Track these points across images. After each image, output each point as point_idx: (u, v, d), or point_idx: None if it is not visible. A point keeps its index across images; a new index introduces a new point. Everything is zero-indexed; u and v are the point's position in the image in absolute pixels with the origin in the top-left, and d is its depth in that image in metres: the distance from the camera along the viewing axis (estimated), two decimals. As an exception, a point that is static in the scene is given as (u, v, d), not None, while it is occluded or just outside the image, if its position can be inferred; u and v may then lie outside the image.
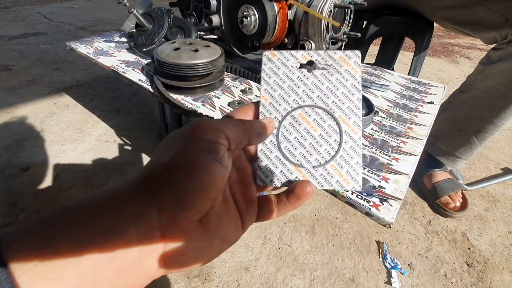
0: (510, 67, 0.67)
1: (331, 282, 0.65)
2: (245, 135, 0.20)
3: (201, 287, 0.62)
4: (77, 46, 0.84)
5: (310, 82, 0.23)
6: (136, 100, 1.28)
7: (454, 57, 2.12)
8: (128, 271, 0.16)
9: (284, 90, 0.23)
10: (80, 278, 0.14)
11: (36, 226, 0.15)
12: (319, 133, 0.23)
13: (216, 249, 0.19)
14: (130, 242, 0.15)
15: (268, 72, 0.24)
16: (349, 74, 0.23)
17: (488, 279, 0.68)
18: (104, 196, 0.16)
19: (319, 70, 0.23)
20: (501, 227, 0.81)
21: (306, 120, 0.23)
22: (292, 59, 0.24)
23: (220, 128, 0.19)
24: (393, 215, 0.38)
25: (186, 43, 0.62)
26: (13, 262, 0.13)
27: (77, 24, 2.25)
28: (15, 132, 1.03)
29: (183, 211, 0.17)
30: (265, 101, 0.23)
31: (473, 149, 0.80)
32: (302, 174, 0.22)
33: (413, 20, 0.93)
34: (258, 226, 0.76)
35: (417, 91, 0.72)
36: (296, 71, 0.24)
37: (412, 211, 0.85)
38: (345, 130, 0.22)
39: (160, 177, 0.17)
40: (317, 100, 0.23)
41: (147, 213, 0.16)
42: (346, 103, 0.23)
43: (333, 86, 0.23)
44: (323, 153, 0.22)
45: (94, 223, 0.15)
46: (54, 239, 0.14)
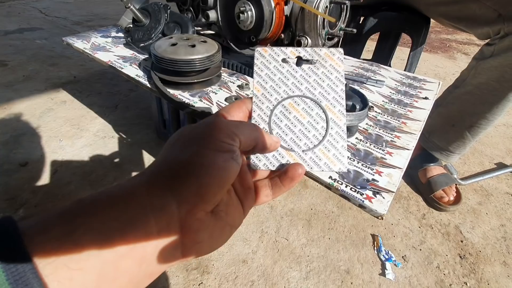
0: (502, 62, 0.68)
1: (326, 274, 0.66)
2: (254, 142, 0.22)
3: (200, 279, 0.63)
4: (73, 41, 0.84)
5: (298, 75, 0.25)
6: (133, 96, 1.28)
7: (451, 53, 2.13)
8: (148, 261, 0.17)
9: (275, 82, 0.25)
10: (102, 268, 0.15)
11: (56, 219, 0.15)
12: (308, 120, 0.25)
13: (226, 235, 0.21)
14: (151, 234, 0.17)
15: (260, 66, 0.26)
16: (333, 68, 0.26)
17: (479, 271, 0.70)
18: (122, 190, 0.17)
19: (306, 65, 0.26)
20: (494, 221, 0.83)
21: (295, 109, 0.25)
22: (282, 54, 0.26)
23: (236, 132, 0.20)
24: (386, 207, 0.39)
25: (183, 39, 0.62)
26: (36, 254, 0.13)
27: (73, 19, 2.22)
28: (12, 128, 1.03)
29: (202, 204, 0.18)
30: (257, 92, 0.25)
31: (466, 144, 0.81)
32: (293, 158, 0.24)
33: (409, 16, 0.93)
34: (256, 220, 0.77)
35: (412, 87, 0.72)
36: (285, 65, 0.26)
37: (407, 205, 0.86)
38: (331, 117, 0.25)
39: (180, 172, 0.18)
40: (305, 91, 0.25)
41: (167, 206, 0.17)
42: (331, 94, 0.25)
43: (319, 79, 0.25)
44: (311, 138, 0.24)
45: (114, 217, 0.16)
46: (76, 233, 0.15)
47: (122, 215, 0.16)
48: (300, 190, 0.87)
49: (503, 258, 0.73)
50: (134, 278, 0.16)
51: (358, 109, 0.47)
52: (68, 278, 0.14)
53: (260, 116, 0.24)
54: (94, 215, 0.16)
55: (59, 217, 0.15)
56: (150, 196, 0.17)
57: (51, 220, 0.15)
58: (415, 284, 0.66)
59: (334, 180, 0.42)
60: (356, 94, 0.52)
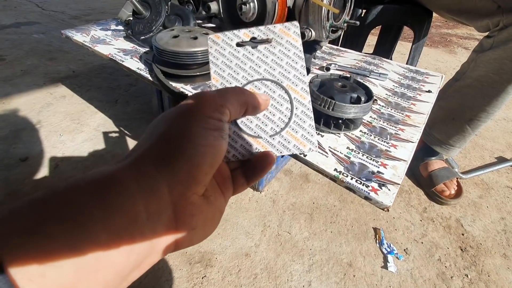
0: (501, 55, 0.68)
1: (329, 267, 0.67)
2: (243, 107, 0.21)
3: (203, 273, 0.64)
4: (73, 34, 0.82)
5: (255, 57, 0.24)
6: (133, 91, 1.27)
7: (452, 48, 2.12)
8: (137, 251, 0.15)
9: (232, 69, 0.24)
10: (81, 262, 0.13)
11: (25, 209, 0.13)
12: (271, 103, 0.24)
13: (217, 220, 0.20)
14: (139, 221, 0.15)
15: (215, 54, 0.24)
16: (290, 44, 0.24)
17: (480, 263, 0.70)
18: (105, 175, 0.15)
19: (262, 45, 0.24)
20: (494, 214, 0.84)
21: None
22: (236, 38, 0.25)
23: (223, 103, 0.19)
24: (391, 199, 0.39)
25: (185, 31, 0.61)
26: (2, 248, 0.12)
27: (71, 13, 2.20)
28: (11, 123, 1.02)
29: (194, 186, 0.17)
30: (216, 82, 0.24)
31: (466, 137, 0.82)
32: (261, 144, 0.23)
33: (412, 9, 0.93)
34: (258, 214, 0.77)
35: (415, 80, 0.72)
36: (241, 50, 0.24)
37: (409, 199, 0.86)
38: (295, 97, 0.24)
39: (170, 151, 0.17)
40: (265, 73, 0.24)
41: (158, 189, 0.16)
42: (291, 72, 0.24)
43: (278, 58, 0.24)
44: (277, 121, 0.23)
45: (95, 204, 0.14)
46: (47, 223, 0.13)
47: (104, 202, 0.14)
48: (302, 184, 0.87)
49: (503, 250, 0.74)
50: (121, 271, 0.15)
51: (363, 101, 0.47)
52: (40, 275, 0.12)
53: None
54: (70, 203, 0.14)
55: (29, 206, 0.13)
56: (137, 179, 0.15)
57: (19, 210, 0.13)
58: (416, 276, 0.66)
59: (339, 172, 0.42)
60: (361, 87, 0.52)
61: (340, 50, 0.89)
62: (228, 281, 0.63)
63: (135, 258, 0.15)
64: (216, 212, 0.20)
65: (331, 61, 0.79)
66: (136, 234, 0.15)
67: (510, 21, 0.65)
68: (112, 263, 0.14)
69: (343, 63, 0.77)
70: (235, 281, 0.63)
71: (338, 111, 0.46)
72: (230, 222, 0.74)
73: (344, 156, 0.45)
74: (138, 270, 0.16)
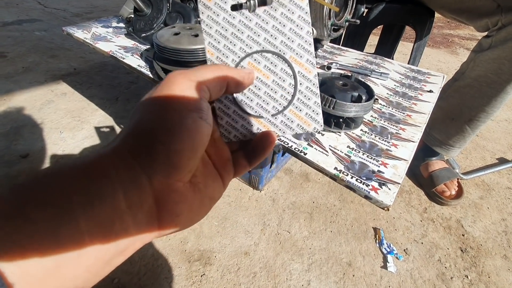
0: (500, 54, 0.67)
1: (328, 266, 0.67)
2: (224, 83, 0.19)
3: (202, 271, 0.64)
4: (74, 31, 0.82)
5: (253, 24, 0.21)
6: (134, 89, 1.27)
7: (454, 48, 2.12)
8: (119, 237, 0.15)
9: (228, 39, 0.21)
10: (61, 246, 0.13)
11: (5, 193, 0.13)
12: (272, 79, 0.21)
13: (206, 208, 0.20)
14: (119, 209, 0.15)
15: (207, 22, 0.21)
16: (294, 4, 0.21)
17: (480, 264, 0.70)
18: (85, 162, 0.15)
19: (261, 8, 0.21)
20: (495, 215, 0.83)
21: (256, 69, 0.21)
22: (230, 0, 0.21)
23: (199, 79, 0.18)
24: (392, 198, 0.38)
25: (186, 28, 0.61)
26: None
27: (72, 11, 2.20)
28: (12, 120, 1.02)
29: (176, 173, 0.17)
30: (211, 55, 0.21)
31: (466, 138, 0.81)
32: (263, 124, 0.22)
33: (413, 8, 0.92)
34: (258, 212, 0.77)
35: (416, 80, 0.72)
36: (237, 15, 0.21)
37: (409, 199, 0.86)
38: (299, 71, 0.21)
39: (145, 140, 0.16)
40: (265, 44, 0.21)
41: (137, 180, 0.16)
42: (296, 41, 0.21)
43: (279, 24, 0.21)
44: (279, 99, 0.22)
45: (75, 190, 0.14)
46: (26, 207, 0.13)
47: (84, 188, 0.14)
48: (302, 183, 0.87)
49: (503, 251, 0.73)
50: (103, 256, 0.15)
51: (364, 100, 0.47)
52: (20, 257, 0.12)
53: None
54: (51, 188, 0.14)
55: (9, 191, 0.13)
56: (116, 169, 0.15)
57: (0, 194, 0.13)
58: (416, 277, 0.66)
59: (340, 171, 0.42)
60: (362, 86, 0.51)
61: (342, 49, 0.88)
62: (227, 280, 0.63)
63: (115, 244, 0.15)
64: (205, 198, 0.19)
65: (332, 60, 0.78)
66: (116, 221, 0.15)
67: (508, 21, 0.65)
68: (93, 249, 0.14)
69: (345, 62, 0.77)
70: (234, 280, 0.63)
71: (339, 109, 0.45)
72: (230, 220, 0.74)
73: (345, 155, 0.45)
74: (122, 256, 0.16)
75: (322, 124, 0.22)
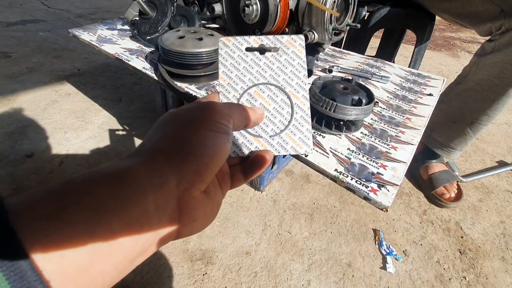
0: (503, 58, 0.68)
1: (328, 267, 0.68)
2: (245, 121, 0.23)
3: (204, 270, 0.65)
4: (80, 33, 0.84)
5: (262, 63, 0.26)
6: (137, 90, 1.28)
7: (455, 51, 2.13)
8: (144, 238, 0.16)
9: (240, 71, 0.26)
10: (96, 245, 0.14)
11: (45, 197, 0.14)
12: (273, 106, 0.26)
13: (215, 214, 0.22)
14: (148, 212, 0.16)
15: (224, 56, 0.26)
16: (295, 55, 0.26)
17: (479, 266, 0.71)
18: (118, 169, 0.17)
19: (270, 53, 0.26)
20: (494, 217, 0.84)
21: (261, 96, 0.26)
22: (245, 43, 0.26)
23: (230, 113, 0.21)
24: (390, 200, 0.39)
25: (190, 32, 0.62)
26: (24, 231, 0.13)
27: (76, 12, 2.22)
28: (17, 119, 1.04)
29: (199, 183, 0.19)
30: (223, 81, 0.26)
31: (467, 140, 0.82)
32: (261, 143, 0.25)
33: (415, 12, 0.93)
34: (259, 213, 0.78)
35: (416, 83, 0.73)
36: (249, 54, 0.26)
37: (408, 201, 0.87)
38: (295, 102, 0.25)
39: (180, 150, 0.18)
40: (270, 78, 0.26)
41: (167, 184, 0.17)
42: (294, 80, 0.26)
43: (283, 66, 0.26)
44: (277, 123, 0.25)
45: (110, 195, 0.15)
46: (66, 211, 0.14)
47: (118, 194, 0.15)
48: (303, 184, 0.88)
49: (501, 253, 0.74)
50: (129, 255, 0.16)
51: (364, 103, 0.48)
52: (59, 256, 0.13)
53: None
54: (88, 193, 0.15)
55: (48, 194, 0.14)
56: (149, 174, 0.17)
57: (39, 197, 0.14)
58: (415, 278, 0.67)
59: (340, 172, 0.43)
60: (362, 89, 0.52)
61: (343, 52, 0.89)
62: (229, 279, 0.64)
63: (142, 244, 0.16)
64: (214, 205, 0.22)
65: (333, 63, 0.79)
66: (144, 223, 0.16)
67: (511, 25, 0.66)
68: (122, 248, 0.15)
69: (346, 66, 0.78)
70: (235, 279, 0.64)
71: (339, 112, 0.47)
72: (231, 221, 0.75)
73: (345, 157, 0.46)
74: (143, 255, 0.17)
75: (312, 148, 0.25)
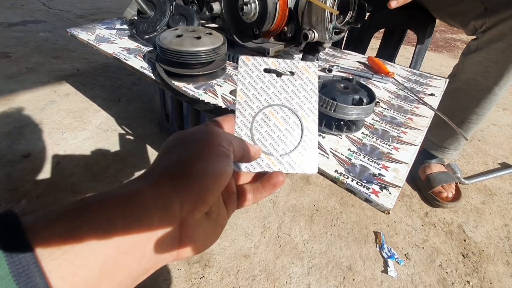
0: (486, 57, 0.68)
1: (328, 270, 0.66)
2: (242, 152, 0.24)
3: (201, 273, 0.63)
4: (78, 32, 0.83)
5: (278, 85, 0.27)
6: (136, 90, 1.27)
7: (456, 52, 2.12)
8: (148, 257, 0.18)
9: (257, 90, 0.27)
10: (104, 264, 0.15)
11: (60, 216, 0.15)
12: (285, 127, 0.27)
13: (217, 235, 0.23)
14: (153, 232, 0.17)
15: (243, 74, 0.27)
16: (309, 80, 0.28)
17: (482, 270, 0.69)
18: (127, 191, 0.18)
19: (286, 76, 0.28)
20: (497, 220, 0.82)
21: (275, 117, 0.27)
22: (264, 64, 0.27)
23: (231, 141, 0.22)
24: (392, 202, 0.38)
25: (188, 30, 0.62)
26: (40, 249, 0.13)
27: (77, 12, 2.22)
28: (15, 119, 1.03)
29: (202, 206, 0.19)
30: (240, 99, 0.27)
31: (460, 140, 0.83)
32: (271, 161, 0.26)
33: (415, 13, 0.92)
34: (258, 215, 0.77)
35: (418, 83, 0.72)
36: (267, 75, 0.27)
37: (410, 203, 0.86)
38: (306, 125, 0.27)
39: (184, 173, 0.19)
40: (284, 101, 0.27)
41: (171, 206, 0.18)
42: (306, 104, 0.27)
43: (297, 90, 0.27)
44: (288, 144, 0.27)
45: (119, 216, 0.16)
46: (81, 230, 0.15)
47: (127, 215, 0.17)
48: (303, 186, 0.87)
49: (506, 257, 0.73)
50: (133, 273, 0.17)
51: (365, 103, 0.47)
52: (71, 274, 0.14)
53: (243, 122, 0.26)
54: (100, 214, 0.16)
55: (63, 214, 0.15)
56: (155, 196, 0.18)
57: (55, 216, 0.15)
58: (417, 282, 0.65)
59: (340, 174, 0.42)
60: (363, 89, 0.51)
61: (343, 52, 0.88)
62: (227, 282, 0.62)
63: (145, 263, 0.18)
64: (217, 227, 0.22)
65: (334, 63, 0.79)
66: (148, 243, 0.17)
67: (492, 23, 0.66)
68: (128, 267, 0.17)
69: (346, 65, 0.77)
70: (233, 282, 0.62)
71: (340, 112, 0.45)
72: (230, 223, 0.74)
73: (345, 158, 0.45)
74: (145, 274, 0.18)
75: (317, 169, 0.27)
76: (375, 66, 0.76)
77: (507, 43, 0.64)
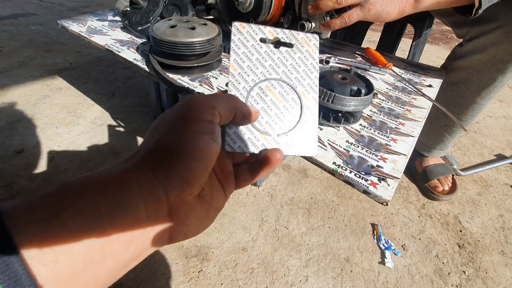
0: (469, 65, 0.68)
1: (326, 262, 0.66)
2: (232, 112, 0.21)
3: (199, 267, 0.63)
4: (69, 24, 0.81)
5: (276, 57, 0.25)
6: (131, 84, 1.25)
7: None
8: (136, 244, 0.17)
9: (252, 62, 0.25)
10: (89, 251, 0.15)
11: (41, 201, 0.14)
12: (283, 104, 0.25)
13: (211, 218, 0.22)
14: (139, 219, 0.17)
15: (237, 43, 0.24)
16: (309, 54, 0.26)
17: (478, 260, 0.70)
18: (111, 175, 0.17)
19: (284, 48, 0.25)
20: (492, 211, 0.83)
21: (272, 92, 0.25)
22: (260, 33, 0.25)
23: (214, 105, 0.20)
24: (391, 193, 0.38)
25: (182, 21, 0.60)
26: (19, 235, 0.13)
27: (68, 5, 2.17)
28: (7, 115, 1.01)
29: (189, 189, 0.18)
30: (234, 70, 0.24)
31: (445, 141, 0.83)
32: (268, 141, 0.24)
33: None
34: (255, 208, 0.77)
35: (416, 75, 0.71)
36: (263, 46, 0.25)
37: (407, 195, 0.86)
38: (305, 103, 0.25)
39: (164, 158, 0.18)
40: (282, 75, 0.25)
41: (156, 193, 0.17)
42: (306, 80, 0.25)
43: (296, 64, 0.25)
44: (286, 122, 0.25)
45: (103, 200, 0.16)
46: (62, 215, 0.14)
47: (111, 199, 0.16)
48: (300, 179, 0.87)
49: (501, 247, 0.74)
50: (122, 260, 0.17)
51: (363, 94, 0.46)
52: (54, 260, 0.13)
53: (237, 96, 0.24)
54: (82, 198, 0.15)
55: (44, 199, 0.15)
56: (138, 182, 0.17)
57: (35, 202, 0.14)
58: (414, 272, 0.66)
59: (338, 166, 0.42)
60: (361, 79, 0.51)
61: (341, 43, 0.87)
62: (225, 275, 0.62)
63: (133, 250, 0.17)
64: (211, 209, 0.21)
65: (331, 54, 0.78)
66: (136, 229, 0.17)
67: (475, 34, 0.66)
68: (115, 253, 0.16)
69: (343, 57, 0.76)
70: (231, 275, 0.62)
71: (337, 103, 0.45)
72: (228, 216, 0.74)
73: (343, 150, 0.45)
74: (136, 260, 0.18)
75: (317, 150, 0.25)
76: (373, 57, 0.76)
77: (488, 55, 0.63)
